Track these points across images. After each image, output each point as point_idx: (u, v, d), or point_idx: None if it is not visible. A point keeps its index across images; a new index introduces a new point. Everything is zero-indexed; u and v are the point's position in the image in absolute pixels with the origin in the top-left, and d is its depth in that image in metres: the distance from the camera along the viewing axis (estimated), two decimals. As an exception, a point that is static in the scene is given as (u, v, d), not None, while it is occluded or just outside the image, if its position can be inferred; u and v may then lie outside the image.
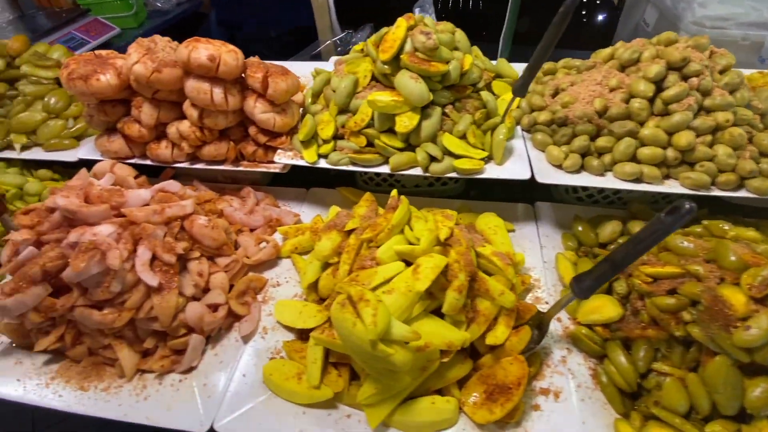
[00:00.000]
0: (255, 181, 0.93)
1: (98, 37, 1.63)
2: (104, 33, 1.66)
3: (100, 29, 1.66)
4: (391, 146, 0.75)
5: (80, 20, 1.64)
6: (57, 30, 1.59)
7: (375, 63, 0.79)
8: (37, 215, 0.64)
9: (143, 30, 1.82)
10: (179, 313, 0.63)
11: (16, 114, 0.89)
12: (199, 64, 0.68)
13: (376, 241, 0.65)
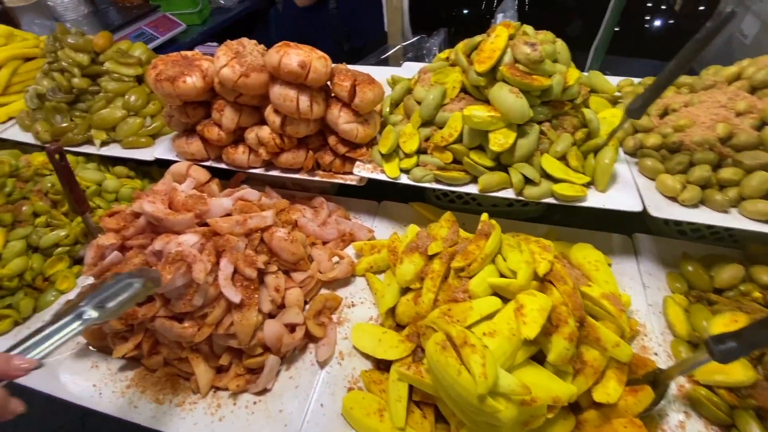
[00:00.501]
0: (324, 189, 0.90)
1: (166, 32, 1.67)
2: (171, 29, 1.69)
3: (167, 25, 1.69)
4: (481, 165, 0.69)
5: (150, 16, 1.68)
6: (128, 25, 1.64)
7: (466, 73, 0.74)
8: (122, 219, 0.63)
9: (207, 27, 1.85)
10: (257, 331, 0.60)
11: (97, 110, 0.90)
12: (289, 71, 0.65)
13: (467, 270, 0.60)
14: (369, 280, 0.71)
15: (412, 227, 0.72)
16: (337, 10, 1.45)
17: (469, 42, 0.76)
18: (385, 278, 0.70)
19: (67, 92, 0.93)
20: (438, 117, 0.74)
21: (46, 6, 1.69)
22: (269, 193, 0.82)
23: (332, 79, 0.71)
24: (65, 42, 0.93)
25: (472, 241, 0.63)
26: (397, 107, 0.85)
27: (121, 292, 0.46)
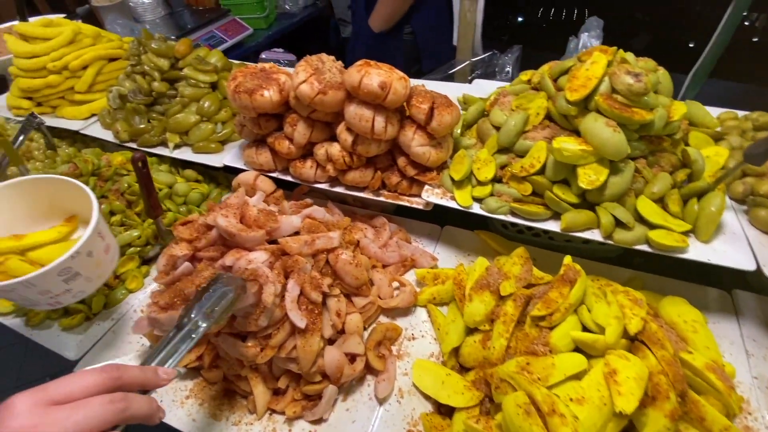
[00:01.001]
0: (383, 208, 0.87)
1: (234, 36, 1.72)
2: (239, 33, 1.75)
3: (236, 29, 1.75)
4: (566, 201, 0.63)
5: (221, 20, 1.75)
6: (200, 28, 1.71)
7: (553, 100, 0.69)
8: (195, 230, 0.64)
9: (271, 31, 1.90)
10: (317, 357, 0.58)
11: (173, 114, 0.93)
12: (368, 91, 0.63)
13: (548, 321, 0.55)
14: (431, 312, 0.68)
15: (481, 261, 0.68)
16: (412, 34, 1.40)
17: (558, 66, 0.71)
18: (448, 313, 0.67)
19: (147, 95, 0.97)
20: (518, 145, 0.69)
21: (128, 7, 1.80)
22: (331, 208, 0.81)
23: (409, 100, 0.68)
24: (149, 46, 0.97)
25: (552, 286, 0.58)
26: (468, 129, 0.81)
27: (220, 300, 0.48)
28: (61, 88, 1.08)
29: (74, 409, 0.31)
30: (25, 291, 0.44)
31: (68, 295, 0.48)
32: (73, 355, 0.66)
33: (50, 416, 0.30)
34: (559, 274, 0.59)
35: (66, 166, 0.80)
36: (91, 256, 0.47)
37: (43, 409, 0.30)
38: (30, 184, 0.52)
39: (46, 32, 1.07)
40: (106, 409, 0.32)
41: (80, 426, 0.30)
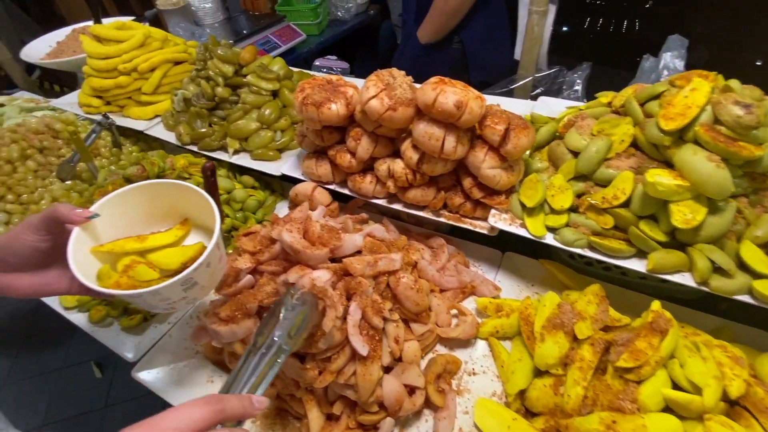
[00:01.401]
0: (437, 227, 0.84)
1: (288, 42, 1.75)
2: (293, 38, 1.77)
3: (290, 35, 1.78)
4: (653, 239, 0.58)
5: (276, 25, 1.78)
6: (256, 33, 1.75)
7: (641, 127, 0.63)
8: (258, 242, 0.63)
9: (323, 37, 1.92)
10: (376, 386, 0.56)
11: (234, 120, 0.94)
12: (443, 110, 0.61)
13: (636, 374, 0.49)
14: (493, 347, 0.64)
15: (551, 296, 0.63)
16: (461, 44, 1.39)
17: (646, 90, 0.66)
18: (513, 349, 0.62)
19: (210, 99, 0.99)
20: (598, 173, 0.64)
21: (190, 11, 1.87)
22: (387, 225, 0.78)
23: (483, 120, 0.65)
24: (215, 52, 0.99)
25: (639, 334, 0.53)
26: (538, 150, 0.77)
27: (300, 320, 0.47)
28: (130, 89, 1.12)
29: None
30: (150, 298, 0.45)
31: (183, 302, 0.49)
32: (132, 356, 0.67)
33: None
34: (646, 320, 0.54)
35: (135, 168, 0.82)
36: (209, 267, 0.48)
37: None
38: (155, 188, 0.54)
39: (119, 35, 1.12)
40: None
41: None
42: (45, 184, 1.00)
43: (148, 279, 0.50)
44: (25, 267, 0.49)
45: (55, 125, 1.06)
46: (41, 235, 0.47)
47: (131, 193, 0.53)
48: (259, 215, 0.88)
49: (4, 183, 0.96)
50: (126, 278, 0.50)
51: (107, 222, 0.51)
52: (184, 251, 0.52)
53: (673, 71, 0.88)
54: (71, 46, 1.48)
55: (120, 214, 0.53)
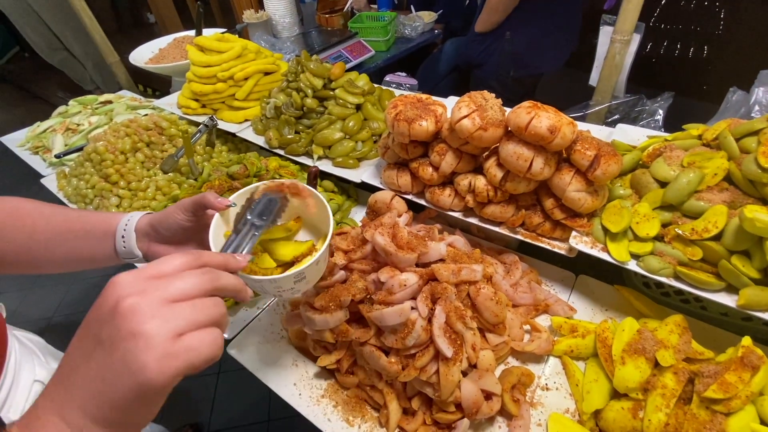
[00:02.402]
0: (507, 243, 0.87)
1: (358, 57, 1.85)
2: (363, 54, 1.87)
3: (360, 50, 1.88)
4: (746, 275, 0.58)
5: (348, 41, 1.89)
6: (330, 48, 1.86)
7: (736, 162, 0.63)
8: (351, 242, 0.69)
9: (390, 54, 2.00)
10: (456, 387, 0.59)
11: (320, 129, 1.03)
12: (536, 133, 0.64)
13: (725, 405, 0.50)
14: (566, 365, 0.65)
15: (631, 321, 0.64)
16: (511, 38, 1.59)
17: (743, 125, 0.66)
18: (587, 370, 0.63)
19: (298, 109, 1.08)
20: (687, 204, 0.64)
21: (271, 24, 2.04)
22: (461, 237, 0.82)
23: (572, 145, 0.68)
24: (308, 66, 1.08)
25: (728, 368, 0.53)
26: (620, 177, 0.78)
27: (269, 207, 0.55)
28: (225, 95, 1.25)
29: (172, 279, 0.34)
30: (267, 285, 0.52)
31: (290, 291, 0.55)
32: (226, 335, 0.75)
33: (153, 284, 0.33)
34: (737, 355, 0.54)
35: (237, 166, 0.92)
36: (317, 265, 0.54)
37: (145, 280, 0.33)
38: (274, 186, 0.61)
39: (220, 46, 1.25)
40: (200, 279, 0.35)
41: (180, 290, 0.34)
42: (150, 174, 1.13)
43: (266, 267, 0.57)
44: (170, 240, 0.59)
45: (162, 123, 1.20)
46: (188, 216, 0.56)
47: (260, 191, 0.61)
48: (338, 217, 0.95)
49: (118, 170, 1.09)
50: (250, 264, 0.57)
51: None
52: (297, 246, 0.59)
53: (766, 107, 0.86)
54: (172, 53, 1.66)
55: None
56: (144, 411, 0.32)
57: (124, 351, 0.30)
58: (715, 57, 1.69)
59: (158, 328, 0.31)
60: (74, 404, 0.31)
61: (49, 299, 2.24)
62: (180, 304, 0.33)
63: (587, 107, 1.11)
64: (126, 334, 0.30)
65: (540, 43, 1.65)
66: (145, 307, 0.31)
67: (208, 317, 0.34)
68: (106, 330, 0.31)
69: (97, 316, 0.33)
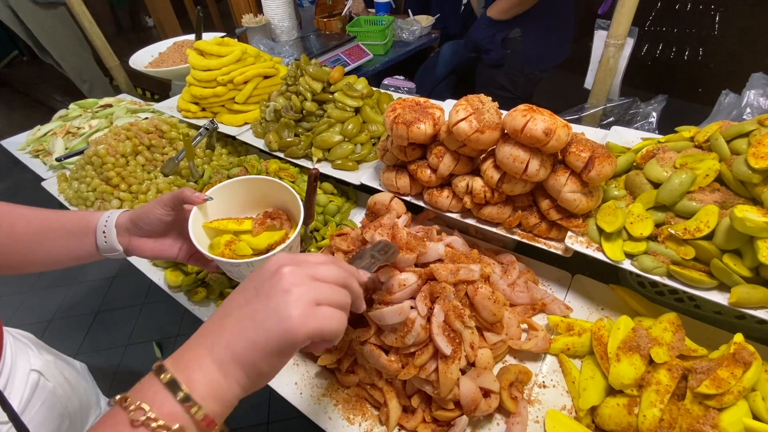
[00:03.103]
0: (504, 244, 0.88)
1: (356, 60, 1.87)
2: (361, 57, 1.89)
3: (358, 54, 1.90)
4: (737, 273, 0.59)
5: (346, 45, 1.91)
6: (328, 51, 1.88)
7: (727, 163, 0.65)
8: (351, 243, 0.70)
9: (387, 58, 2.02)
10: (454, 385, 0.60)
11: (319, 132, 1.04)
12: (531, 135, 0.66)
13: (717, 401, 0.51)
14: (563, 363, 0.66)
15: (626, 320, 0.65)
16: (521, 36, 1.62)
17: (733, 127, 0.68)
18: (584, 368, 0.65)
19: (297, 112, 1.09)
20: (680, 204, 0.66)
21: (270, 29, 2.06)
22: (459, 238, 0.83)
23: (567, 147, 0.69)
24: (307, 70, 1.10)
25: (721, 364, 0.54)
26: (614, 179, 0.79)
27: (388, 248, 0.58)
28: (224, 98, 1.26)
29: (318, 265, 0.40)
30: (245, 269, 0.55)
31: None
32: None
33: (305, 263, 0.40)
34: (729, 351, 0.55)
35: (238, 169, 0.93)
36: (291, 250, 0.58)
37: (300, 261, 0.40)
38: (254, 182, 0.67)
39: (220, 50, 1.27)
40: (339, 272, 0.41)
41: (324, 273, 0.40)
42: (150, 177, 1.14)
43: (244, 254, 0.62)
44: (151, 234, 0.63)
45: (162, 126, 1.21)
46: (167, 210, 0.60)
47: (237, 184, 0.66)
48: (337, 219, 0.96)
49: (119, 173, 1.10)
50: (228, 251, 0.63)
51: (216, 205, 0.65)
52: (271, 235, 0.64)
53: (757, 109, 0.88)
54: (171, 57, 1.68)
55: (225, 200, 0.66)
56: (274, 361, 0.37)
57: (277, 301, 0.36)
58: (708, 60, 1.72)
59: (306, 292, 0.37)
60: (222, 340, 0.36)
61: (47, 302, 2.24)
62: (323, 283, 0.39)
63: (582, 110, 1.12)
64: (282, 289, 0.37)
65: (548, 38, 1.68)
66: (299, 275, 0.38)
67: (340, 300, 0.40)
68: (267, 285, 0.38)
69: (260, 275, 0.39)
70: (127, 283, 2.29)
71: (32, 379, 0.70)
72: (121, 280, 2.32)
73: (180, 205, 0.61)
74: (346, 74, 1.11)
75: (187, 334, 0.73)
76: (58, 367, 0.81)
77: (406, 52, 2.10)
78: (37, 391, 0.71)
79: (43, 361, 0.75)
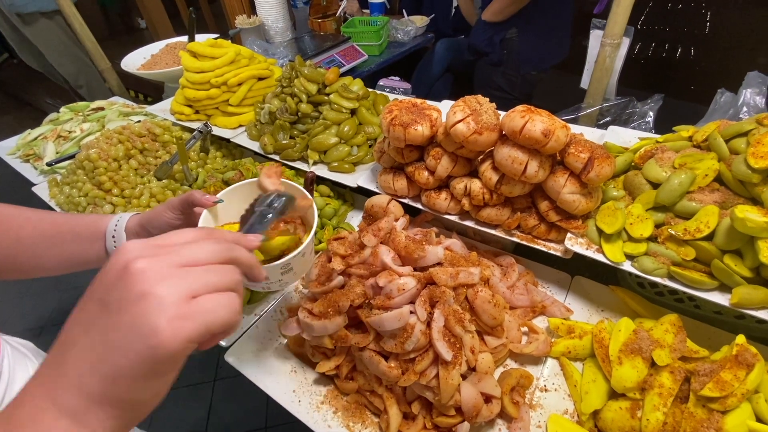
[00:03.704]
0: (503, 246, 0.87)
1: (351, 61, 1.86)
2: (356, 58, 1.88)
3: (353, 55, 1.89)
4: (738, 273, 0.59)
5: (341, 46, 1.89)
6: (323, 53, 1.86)
7: (726, 163, 0.65)
8: (349, 247, 0.69)
9: (383, 58, 2.01)
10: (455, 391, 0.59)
11: (315, 134, 1.03)
12: (530, 137, 0.65)
13: (721, 403, 0.50)
14: (564, 366, 0.66)
15: (626, 322, 0.65)
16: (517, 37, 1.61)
17: (732, 127, 0.67)
18: (585, 371, 0.64)
19: (293, 114, 1.08)
20: (679, 205, 0.66)
21: (264, 30, 2.04)
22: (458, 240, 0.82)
23: (566, 148, 0.68)
24: (302, 72, 1.08)
25: (724, 366, 0.53)
26: (613, 179, 0.79)
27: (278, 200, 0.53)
28: (218, 101, 1.25)
29: (185, 246, 0.32)
30: None
31: (278, 283, 0.57)
32: (224, 342, 0.74)
33: (164, 249, 0.31)
34: (731, 353, 0.54)
35: (233, 173, 0.92)
36: (303, 257, 0.56)
37: (155, 247, 0.31)
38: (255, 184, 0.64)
39: (214, 52, 1.25)
40: (214, 247, 0.33)
41: (194, 256, 0.31)
42: (143, 181, 1.12)
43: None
44: None
45: (155, 130, 1.19)
46: (176, 214, 0.58)
47: (248, 186, 0.64)
48: (334, 222, 0.95)
49: (111, 178, 1.08)
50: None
51: (227, 209, 0.62)
52: (283, 240, 0.61)
53: (754, 108, 0.88)
54: (164, 59, 1.66)
55: (236, 203, 0.63)
56: (153, 384, 0.29)
57: (133, 313, 0.27)
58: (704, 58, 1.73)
59: (171, 288, 0.28)
60: (68, 382, 0.27)
61: (42, 307, 2.21)
62: (194, 268, 0.30)
63: (579, 110, 1.12)
64: (136, 295, 0.28)
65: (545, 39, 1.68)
66: (156, 268, 0.29)
67: (224, 281, 0.31)
68: (114, 293, 0.28)
69: (103, 280, 0.29)
70: (122, 287, 2.26)
71: None
72: (115, 285, 2.29)
73: (189, 209, 0.58)
74: (341, 75, 1.10)
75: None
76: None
77: (401, 52, 2.09)
78: None
79: None
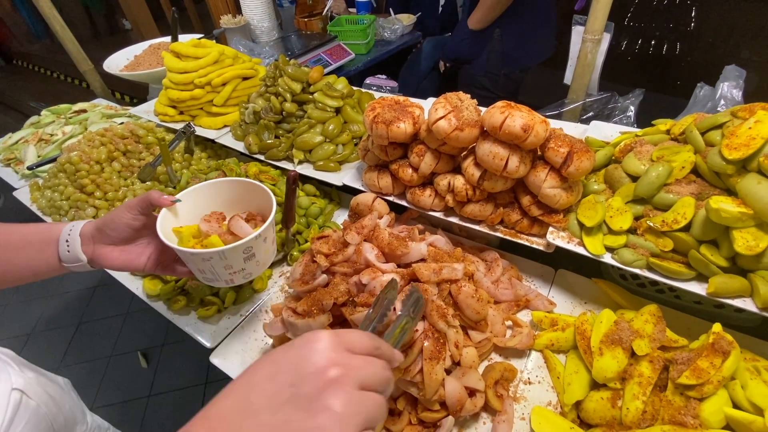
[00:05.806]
0: (488, 241, 0.88)
1: (338, 60, 1.85)
2: (343, 57, 1.88)
3: (340, 54, 1.88)
4: (714, 263, 0.60)
5: (328, 45, 1.89)
6: (309, 51, 1.86)
7: (702, 155, 0.66)
8: (333, 245, 0.69)
9: (370, 57, 2.01)
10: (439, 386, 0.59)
11: (300, 133, 1.02)
12: (510, 132, 0.65)
13: (698, 391, 0.51)
14: (548, 359, 0.66)
15: (608, 313, 0.66)
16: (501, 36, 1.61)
17: (707, 119, 0.68)
18: (568, 363, 0.65)
19: (277, 113, 1.07)
20: (658, 197, 0.67)
21: (249, 29, 2.02)
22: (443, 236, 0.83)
23: (546, 143, 0.69)
24: (286, 71, 1.08)
25: (700, 354, 0.54)
26: (594, 173, 0.80)
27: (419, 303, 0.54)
28: (203, 101, 1.23)
29: (367, 362, 0.35)
30: (218, 261, 0.53)
31: (241, 274, 0.58)
32: (209, 344, 0.74)
33: (350, 358, 0.34)
34: (708, 341, 0.55)
35: (216, 173, 0.91)
36: (265, 242, 0.57)
37: (344, 351, 0.34)
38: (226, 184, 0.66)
39: (197, 52, 1.24)
40: (384, 375, 0.36)
41: (370, 379, 0.34)
42: (127, 183, 1.10)
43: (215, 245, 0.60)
44: (117, 241, 0.60)
45: (138, 131, 1.18)
46: (135, 215, 0.58)
47: (207, 187, 0.65)
48: (320, 221, 0.94)
49: (94, 181, 1.07)
50: (200, 246, 0.61)
51: (188, 209, 0.63)
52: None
53: (731, 101, 0.89)
54: (148, 60, 1.63)
55: (198, 204, 0.65)
56: None
57: (321, 423, 0.30)
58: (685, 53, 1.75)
59: (356, 416, 0.31)
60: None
61: (26, 315, 2.17)
62: (370, 398, 0.33)
63: (563, 105, 1.13)
64: (328, 407, 0.31)
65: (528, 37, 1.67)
66: (347, 386, 0.32)
67: (384, 412, 0.35)
68: (309, 388, 0.31)
69: (300, 367, 0.32)
70: (110, 292, 2.23)
71: (14, 399, 0.66)
72: (103, 290, 2.26)
73: (148, 209, 0.59)
74: (328, 74, 1.10)
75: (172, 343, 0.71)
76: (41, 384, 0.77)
77: (388, 51, 2.09)
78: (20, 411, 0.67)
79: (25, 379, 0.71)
